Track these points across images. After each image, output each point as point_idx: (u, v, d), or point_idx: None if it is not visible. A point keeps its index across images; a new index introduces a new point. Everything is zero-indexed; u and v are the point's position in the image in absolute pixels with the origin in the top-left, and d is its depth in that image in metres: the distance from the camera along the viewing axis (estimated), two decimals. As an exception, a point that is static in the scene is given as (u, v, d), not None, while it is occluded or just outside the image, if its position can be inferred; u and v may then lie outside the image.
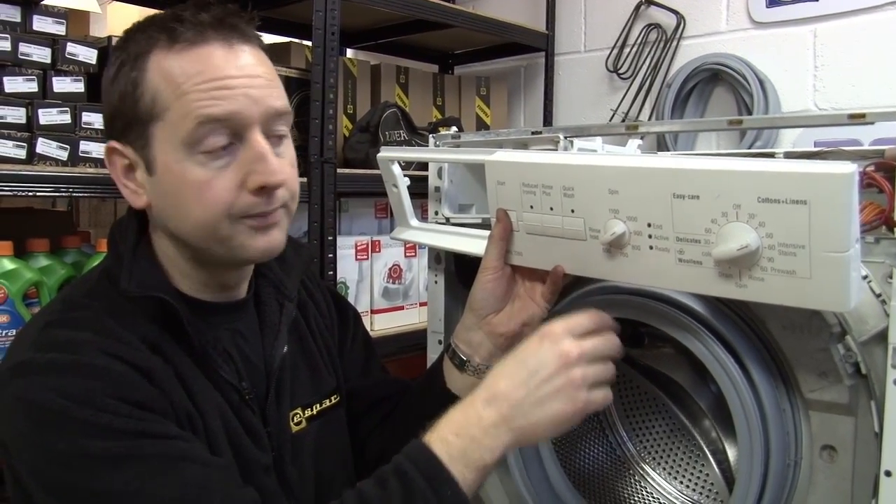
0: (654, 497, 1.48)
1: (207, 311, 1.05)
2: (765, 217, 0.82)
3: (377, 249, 2.29)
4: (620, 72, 2.67)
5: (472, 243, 1.16)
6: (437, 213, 1.32)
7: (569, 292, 1.15)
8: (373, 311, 2.28)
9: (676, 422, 1.53)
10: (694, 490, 1.48)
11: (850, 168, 0.76)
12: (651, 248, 0.93)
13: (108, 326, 0.95)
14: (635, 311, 1.06)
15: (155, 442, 0.89)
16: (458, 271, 1.32)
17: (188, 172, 0.95)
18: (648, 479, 1.51)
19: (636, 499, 1.47)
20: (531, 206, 1.04)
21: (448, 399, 1.17)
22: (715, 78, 2.47)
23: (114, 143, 1.01)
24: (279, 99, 1.00)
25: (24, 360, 0.92)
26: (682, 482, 1.50)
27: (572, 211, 0.99)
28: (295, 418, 1.13)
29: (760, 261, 0.84)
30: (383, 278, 2.30)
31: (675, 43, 2.55)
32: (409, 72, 2.63)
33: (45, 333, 0.95)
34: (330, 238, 2.19)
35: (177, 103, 0.94)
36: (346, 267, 2.23)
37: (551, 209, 1.01)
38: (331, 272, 2.19)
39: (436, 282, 1.32)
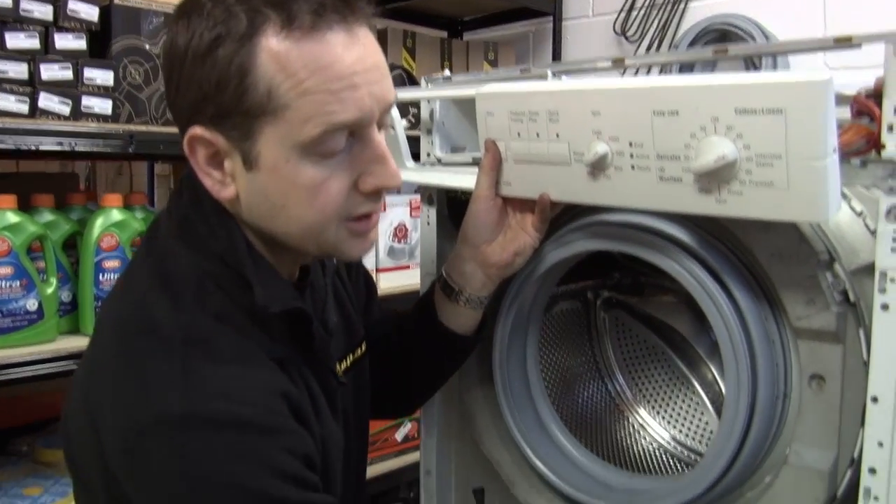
0: (650, 444, 1.47)
1: None
2: (742, 129, 0.80)
3: (382, 209, 2.28)
4: (628, 34, 2.64)
5: (464, 179, 1.15)
6: (429, 154, 1.31)
7: (559, 225, 1.14)
8: (378, 271, 2.28)
9: (676, 371, 1.52)
10: (693, 439, 1.47)
11: (826, 75, 0.74)
12: (633, 167, 0.92)
13: (249, 352, 0.86)
14: (622, 241, 1.04)
15: None
16: (450, 213, 1.31)
17: (301, 174, 0.85)
18: (646, 428, 1.50)
19: (631, 443, 1.46)
20: (518, 135, 1.03)
21: (440, 333, 1.17)
22: (723, 39, 2.44)
23: (199, 131, 0.86)
24: (392, 90, 0.90)
25: (178, 413, 0.79)
26: (681, 431, 1.49)
27: (557, 136, 0.98)
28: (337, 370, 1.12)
29: (739, 174, 0.83)
30: (389, 238, 2.30)
31: (682, 5, 2.52)
32: (417, 36, 2.62)
33: (190, 369, 0.81)
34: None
35: (299, 102, 0.82)
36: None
37: (537, 135, 1.00)
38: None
39: (428, 223, 1.31)
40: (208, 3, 0.83)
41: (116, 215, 1.83)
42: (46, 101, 1.76)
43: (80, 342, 1.79)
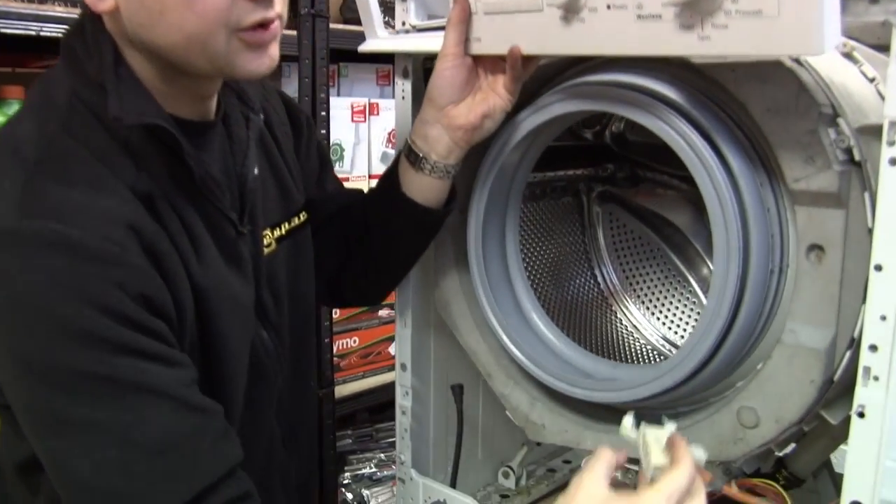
0: (638, 341, 1.38)
1: (191, 134, 0.90)
2: (728, -55, 0.69)
3: (375, 112, 2.18)
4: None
5: (437, 42, 1.04)
6: (403, 23, 1.20)
7: (535, 93, 1.03)
8: (370, 176, 2.19)
9: (672, 268, 1.42)
10: (685, 339, 1.38)
11: None
12: (608, 7, 0.81)
13: (102, 179, 0.81)
14: (604, 100, 0.94)
15: (146, 367, 0.79)
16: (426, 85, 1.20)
17: None
18: (637, 325, 1.41)
19: (619, 340, 1.38)
20: (489, -18, 0.92)
21: (404, 205, 1.07)
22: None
23: None
24: None
25: (7, 227, 0.77)
26: (674, 330, 1.40)
27: (528, -23, 0.87)
28: (264, 240, 1.05)
29: (723, 2, 0.72)
30: (382, 142, 2.20)
31: None
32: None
33: (32, 188, 0.78)
34: (322, 95, 2.09)
35: None
36: (341, 129, 2.13)
37: (508, -20, 0.89)
38: (323, 131, 2.09)
39: (403, 97, 1.20)
40: None
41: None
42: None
43: None
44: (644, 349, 1.37)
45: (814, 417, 0.92)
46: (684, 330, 1.39)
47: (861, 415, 0.80)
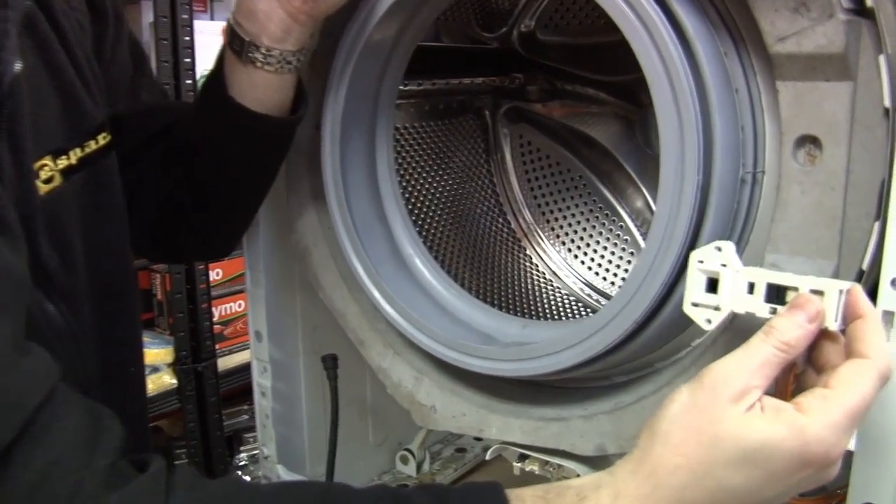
0: (558, 291, 1.11)
1: None
2: None
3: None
4: None
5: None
6: None
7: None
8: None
9: (598, 198, 1.15)
10: (616, 285, 1.11)
11: None
12: None
13: None
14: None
15: None
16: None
17: None
18: (556, 272, 1.14)
19: (536, 291, 1.10)
20: None
21: (232, 112, 0.77)
22: None
23: None
24: None
25: None
26: (605, 278, 1.13)
27: None
28: (43, 172, 0.71)
29: None
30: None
31: None
32: None
33: None
34: (185, 17, 1.75)
35: None
36: (210, 58, 1.78)
37: None
38: (187, 59, 1.76)
39: None
40: None
41: None
42: None
43: None
44: (565, 301, 1.09)
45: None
46: (615, 275, 1.11)
47: (884, 378, 0.53)
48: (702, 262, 0.58)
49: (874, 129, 0.57)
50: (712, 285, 0.58)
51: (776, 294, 0.55)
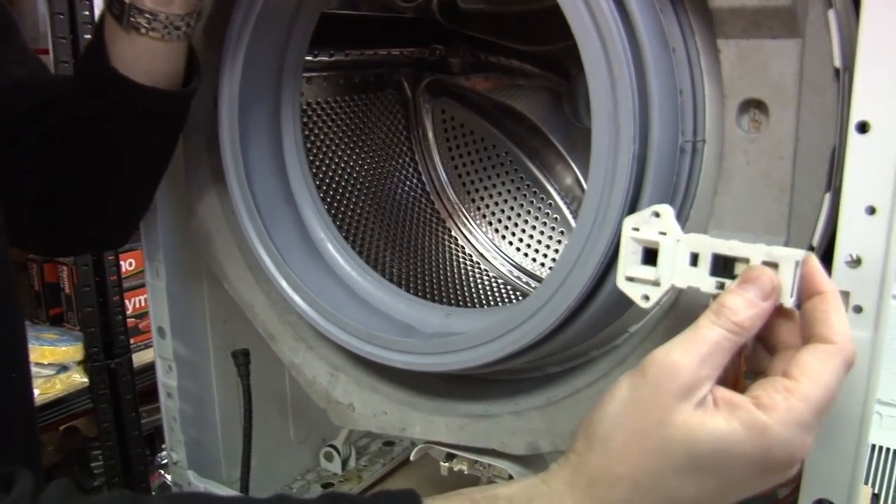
0: (486, 275, 1.04)
1: None
2: None
3: None
4: None
5: None
6: None
7: None
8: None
9: (526, 175, 1.09)
10: (546, 266, 1.05)
11: None
12: None
13: None
14: None
15: None
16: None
17: None
18: (484, 254, 1.07)
19: (462, 275, 1.03)
20: None
21: (115, 84, 0.68)
22: None
23: None
24: None
25: None
26: (535, 259, 1.07)
27: None
28: None
29: None
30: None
31: None
32: None
33: None
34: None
35: None
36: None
37: None
38: (87, 36, 1.63)
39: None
40: None
41: None
42: None
43: None
44: (493, 285, 1.03)
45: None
46: (545, 256, 1.06)
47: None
48: (637, 229, 0.50)
49: (824, 92, 0.51)
50: (650, 257, 0.50)
51: (723, 266, 0.48)
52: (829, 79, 0.51)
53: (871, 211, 0.49)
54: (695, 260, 0.48)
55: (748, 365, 0.50)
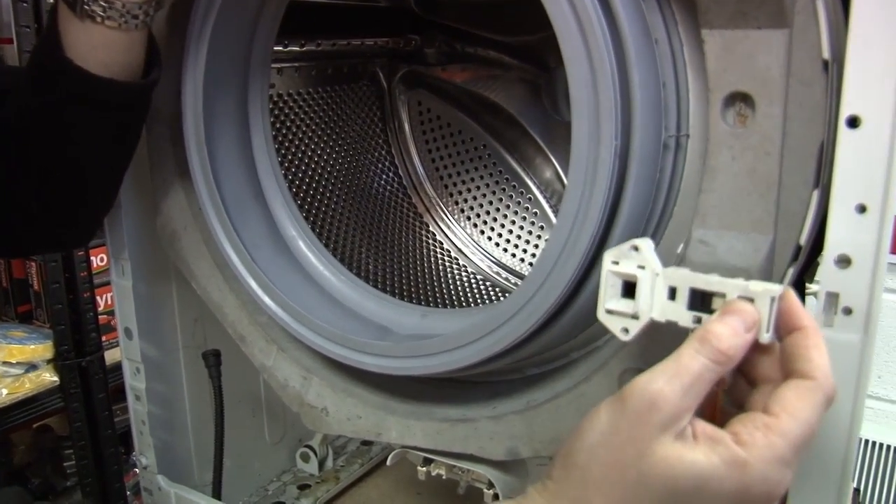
0: (464, 272, 1.02)
1: None
2: None
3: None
4: None
5: None
6: None
7: None
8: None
9: (504, 169, 1.06)
10: (526, 262, 1.03)
11: None
12: None
13: None
14: None
15: None
16: None
17: None
18: (462, 249, 1.05)
19: (440, 273, 1.01)
20: None
21: (71, 76, 0.65)
22: None
23: None
24: None
25: None
26: (515, 255, 1.05)
27: None
28: None
29: None
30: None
31: None
32: None
33: None
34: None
35: None
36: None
37: None
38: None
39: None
40: None
41: None
42: None
43: None
44: (472, 281, 1.01)
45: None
46: (524, 251, 1.03)
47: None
48: (616, 262, 0.49)
49: (812, 85, 0.49)
50: (629, 289, 0.49)
51: (700, 300, 0.47)
52: (818, 71, 0.49)
53: (862, 209, 0.47)
54: (673, 294, 0.47)
55: (730, 396, 0.49)
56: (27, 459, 1.99)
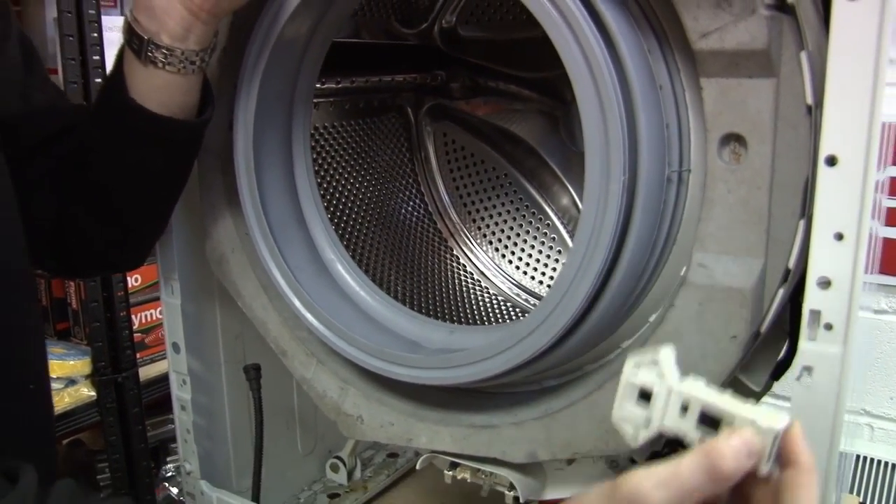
0: (487, 293, 1.08)
1: None
2: None
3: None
4: None
5: None
6: None
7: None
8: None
9: (524, 196, 1.13)
10: (545, 283, 1.10)
11: None
12: None
13: None
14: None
15: None
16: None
17: None
18: (485, 273, 1.12)
19: (465, 293, 1.07)
20: None
21: (133, 114, 0.73)
22: None
23: None
24: None
25: None
26: (534, 278, 1.11)
27: None
28: None
29: None
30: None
31: None
32: None
33: None
34: (92, 12, 1.67)
35: None
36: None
37: None
38: (96, 57, 1.68)
39: None
40: None
41: None
42: None
43: None
44: (494, 302, 1.07)
45: (728, 384, 0.64)
46: (543, 274, 1.10)
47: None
48: (636, 367, 0.51)
49: (797, 127, 0.56)
50: (644, 394, 0.52)
51: (710, 419, 0.49)
52: (802, 115, 0.56)
53: (840, 237, 0.53)
54: (685, 408, 0.50)
55: None
56: (62, 473, 2.06)
